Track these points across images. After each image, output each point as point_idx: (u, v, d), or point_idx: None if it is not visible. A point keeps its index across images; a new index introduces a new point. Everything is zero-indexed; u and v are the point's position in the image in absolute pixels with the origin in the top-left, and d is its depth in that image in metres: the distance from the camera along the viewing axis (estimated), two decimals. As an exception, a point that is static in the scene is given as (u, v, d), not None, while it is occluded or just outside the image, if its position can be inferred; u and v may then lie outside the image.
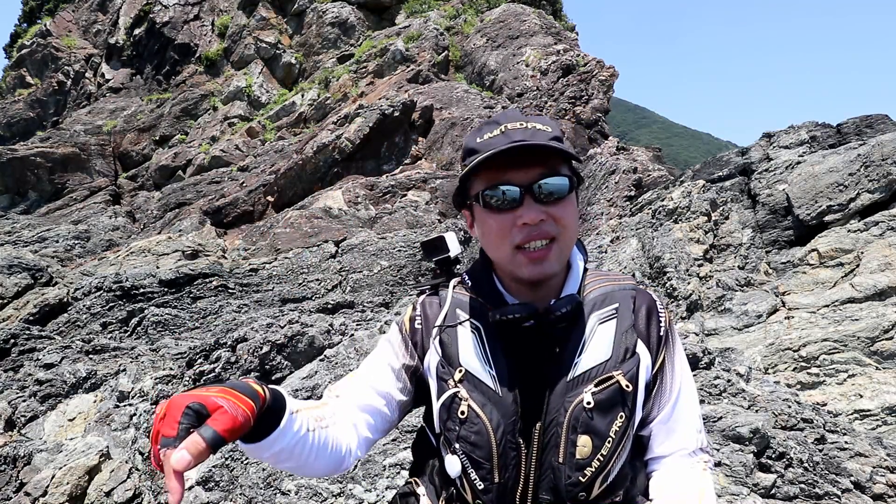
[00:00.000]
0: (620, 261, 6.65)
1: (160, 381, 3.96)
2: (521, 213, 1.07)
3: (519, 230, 1.08)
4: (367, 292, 7.46)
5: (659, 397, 1.18)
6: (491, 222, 1.11)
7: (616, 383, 1.09)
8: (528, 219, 1.06)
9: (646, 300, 1.21)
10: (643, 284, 1.15)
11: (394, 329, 1.29)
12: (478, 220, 1.16)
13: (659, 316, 1.20)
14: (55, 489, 2.96)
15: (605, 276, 1.24)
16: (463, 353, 1.15)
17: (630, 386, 1.10)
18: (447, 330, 1.19)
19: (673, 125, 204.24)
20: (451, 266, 1.35)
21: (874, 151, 6.65)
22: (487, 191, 1.09)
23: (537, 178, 1.08)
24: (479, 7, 19.92)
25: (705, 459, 1.20)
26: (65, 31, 20.76)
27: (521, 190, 1.07)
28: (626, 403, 1.10)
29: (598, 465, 1.08)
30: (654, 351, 1.18)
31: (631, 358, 1.13)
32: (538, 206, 1.07)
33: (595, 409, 1.08)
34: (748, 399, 3.64)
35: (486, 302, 1.18)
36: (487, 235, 1.14)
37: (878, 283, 5.47)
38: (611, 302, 1.17)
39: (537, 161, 1.08)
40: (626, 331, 1.15)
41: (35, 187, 16.67)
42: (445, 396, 1.14)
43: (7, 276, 7.45)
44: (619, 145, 15.01)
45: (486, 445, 1.09)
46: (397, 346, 1.25)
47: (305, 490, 3.05)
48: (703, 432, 1.22)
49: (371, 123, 13.03)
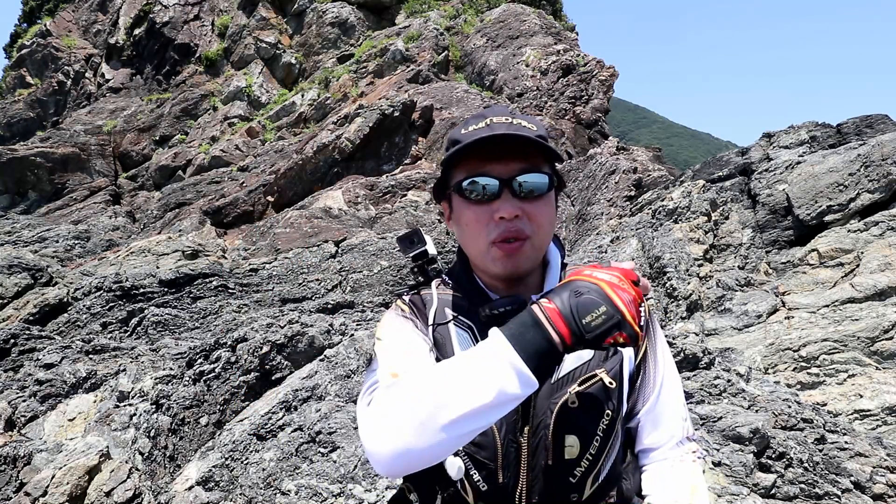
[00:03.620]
0: (620, 261, 6.65)
1: (160, 381, 3.96)
2: (498, 206, 1.06)
3: (496, 225, 1.07)
4: (367, 292, 7.47)
5: (643, 388, 1.18)
6: (469, 214, 1.10)
7: (599, 381, 1.08)
8: (505, 212, 1.05)
9: None
10: None
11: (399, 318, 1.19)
12: (455, 211, 1.15)
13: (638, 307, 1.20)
14: (55, 489, 2.96)
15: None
16: (458, 352, 1.12)
17: (614, 383, 1.10)
18: (439, 328, 1.16)
19: (673, 125, 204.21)
20: (428, 265, 1.33)
21: (874, 151, 6.65)
22: (466, 182, 1.09)
23: (517, 172, 1.07)
24: (479, 7, 19.93)
25: (693, 449, 1.20)
26: (65, 31, 20.76)
27: (500, 183, 1.06)
28: (611, 400, 1.10)
29: (588, 464, 1.08)
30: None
31: (614, 355, 1.12)
32: (515, 201, 1.06)
33: (580, 409, 1.07)
34: (748, 399, 3.64)
35: (470, 299, 1.17)
36: (465, 228, 1.13)
37: (878, 283, 5.47)
38: None
39: (519, 156, 1.08)
40: None
41: (35, 187, 16.67)
42: None
43: (7, 276, 7.45)
44: (619, 145, 15.02)
45: (491, 446, 1.08)
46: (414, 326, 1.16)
47: (305, 490, 3.05)
48: (689, 420, 1.22)
49: (371, 123, 13.03)
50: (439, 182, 1.20)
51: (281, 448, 3.27)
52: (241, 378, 3.92)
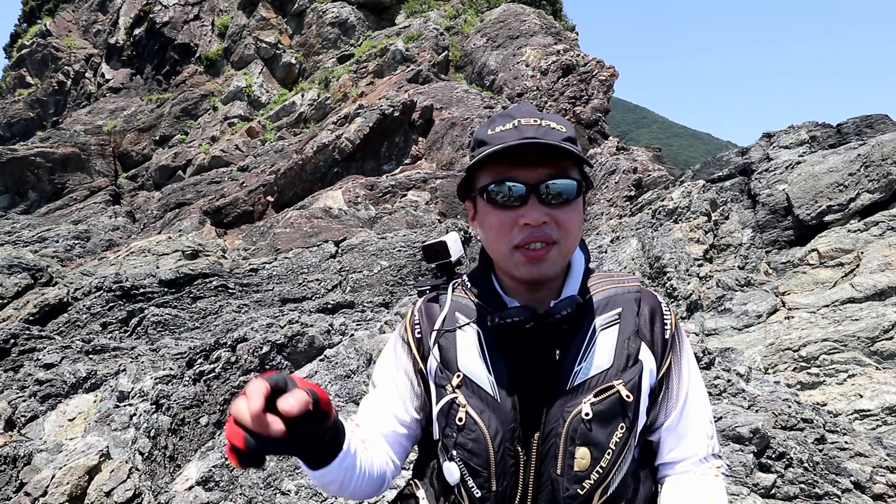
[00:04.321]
0: (620, 261, 6.65)
1: (160, 381, 3.96)
2: (524, 212, 1.04)
3: (520, 230, 1.05)
4: (367, 292, 7.46)
5: (665, 402, 1.15)
6: (493, 218, 1.08)
7: (616, 393, 1.06)
8: (531, 219, 1.03)
9: (650, 302, 1.18)
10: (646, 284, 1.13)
11: (396, 339, 1.26)
12: (480, 213, 1.13)
13: (664, 318, 1.17)
14: (55, 489, 2.96)
15: (609, 277, 1.21)
16: (461, 358, 1.13)
17: (631, 396, 1.07)
18: (445, 334, 1.16)
19: (673, 125, 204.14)
20: (451, 268, 1.33)
21: (874, 151, 6.65)
22: (493, 186, 1.05)
23: (545, 178, 1.04)
24: (479, 7, 19.92)
25: (717, 465, 1.16)
26: (65, 31, 20.76)
27: (527, 188, 1.04)
28: (626, 414, 1.07)
29: (597, 477, 1.06)
30: (658, 355, 1.14)
31: (633, 366, 1.09)
32: (542, 208, 1.04)
33: (594, 421, 1.05)
34: (748, 399, 3.64)
35: (485, 304, 1.16)
36: (488, 231, 1.10)
37: (878, 283, 5.47)
38: (614, 306, 1.14)
39: (547, 161, 1.05)
40: (629, 337, 1.11)
41: (35, 187, 16.67)
42: (443, 402, 1.11)
43: (7, 276, 7.45)
44: (619, 145, 15.02)
45: (483, 453, 1.07)
46: (403, 356, 1.23)
47: (305, 490, 3.05)
48: (716, 438, 1.19)
49: (371, 123, 13.03)
50: (464, 182, 1.17)
51: (281, 448, 3.26)
52: (241, 378, 3.92)
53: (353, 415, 1.25)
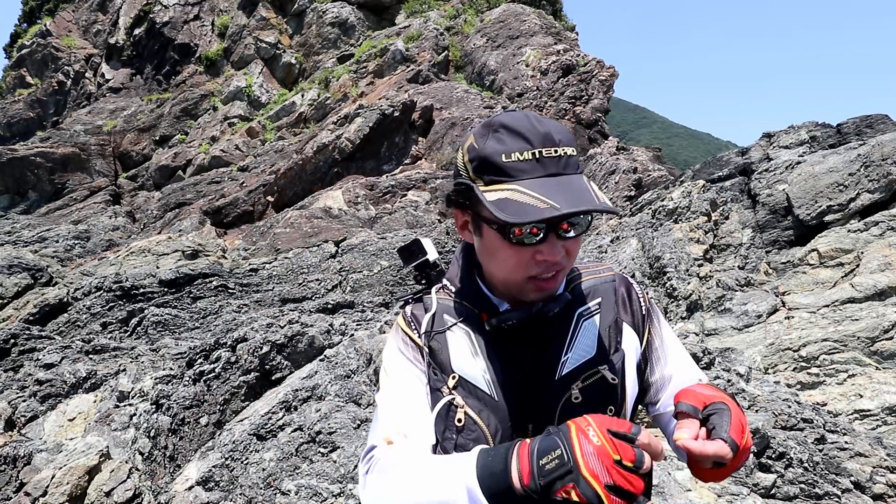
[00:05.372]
0: (620, 261, 6.65)
1: (160, 381, 3.96)
2: (543, 249, 1.02)
3: (537, 264, 1.04)
4: (367, 292, 7.47)
5: (655, 362, 1.22)
6: (507, 252, 1.05)
7: (601, 377, 1.11)
8: (549, 256, 1.03)
9: (623, 284, 1.24)
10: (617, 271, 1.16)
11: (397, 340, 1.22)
12: (487, 241, 1.09)
13: (638, 296, 1.23)
14: (55, 489, 2.96)
15: (586, 268, 1.24)
16: (455, 359, 1.13)
17: (616, 379, 1.11)
18: (436, 337, 1.16)
19: (673, 125, 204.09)
20: (430, 271, 1.32)
21: (874, 151, 6.66)
22: (512, 226, 1.00)
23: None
24: (479, 7, 19.93)
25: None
26: (65, 31, 20.76)
27: (546, 228, 1.01)
28: (613, 397, 1.11)
29: None
30: (640, 331, 1.21)
31: (615, 353, 1.14)
32: (559, 244, 1.03)
33: (583, 404, 1.08)
34: (748, 399, 3.64)
35: (474, 306, 1.16)
36: (500, 262, 1.08)
37: (878, 283, 5.47)
38: (594, 296, 1.19)
39: None
40: (611, 325, 1.17)
41: (35, 187, 16.68)
42: (440, 405, 1.11)
43: (7, 276, 7.45)
44: (619, 145, 15.04)
45: None
46: (413, 357, 1.19)
47: (305, 490, 3.05)
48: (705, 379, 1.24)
49: (371, 123, 13.03)
50: (460, 194, 1.11)
51: (281, 448, 3.26)
52: (241, 378, 3.92)
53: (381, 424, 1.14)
